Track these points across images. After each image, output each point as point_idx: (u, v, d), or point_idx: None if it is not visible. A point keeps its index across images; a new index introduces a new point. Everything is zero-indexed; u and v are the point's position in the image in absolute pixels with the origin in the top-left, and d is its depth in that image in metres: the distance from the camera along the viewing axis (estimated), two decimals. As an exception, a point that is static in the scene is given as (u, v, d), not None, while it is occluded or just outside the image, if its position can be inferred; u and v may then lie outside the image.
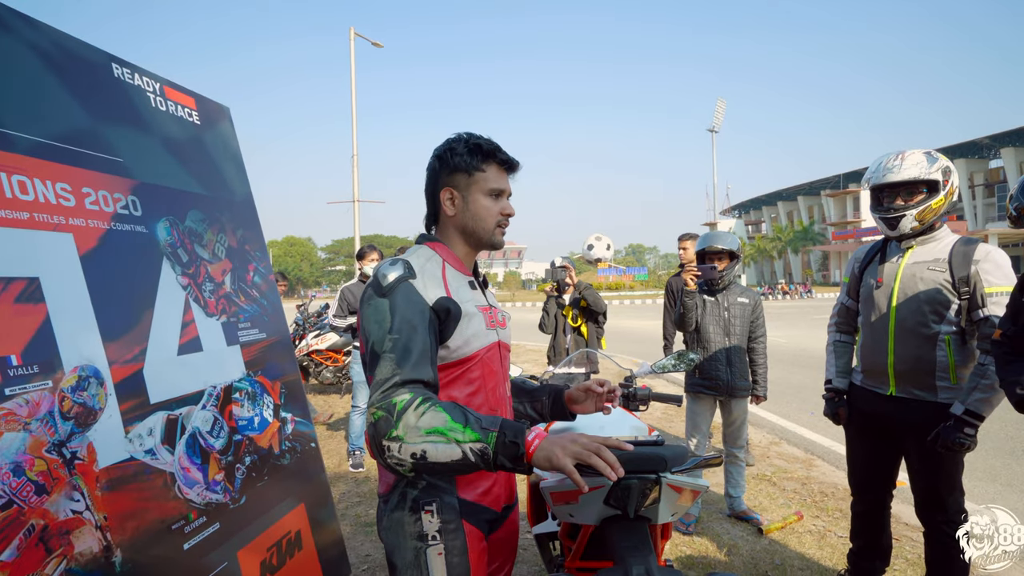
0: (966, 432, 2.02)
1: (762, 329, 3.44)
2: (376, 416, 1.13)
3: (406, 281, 1.28)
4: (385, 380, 1.16)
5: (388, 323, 1.22)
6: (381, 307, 1.25)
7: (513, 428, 1.12)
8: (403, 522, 1.31)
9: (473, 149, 1.39)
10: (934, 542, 2.28)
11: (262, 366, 2.56)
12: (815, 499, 3.77)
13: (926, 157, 2.23)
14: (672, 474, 1.26)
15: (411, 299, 1.25)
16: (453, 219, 1.42)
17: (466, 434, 1.10)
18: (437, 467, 1.11)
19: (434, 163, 1.43)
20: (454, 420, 1.11)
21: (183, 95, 2.51)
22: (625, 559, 1.17)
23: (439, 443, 1.09)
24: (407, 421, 1.10)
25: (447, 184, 1.40)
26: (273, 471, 2.48)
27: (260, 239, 2.82)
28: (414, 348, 1.19)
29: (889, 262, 2.33)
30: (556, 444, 1.09)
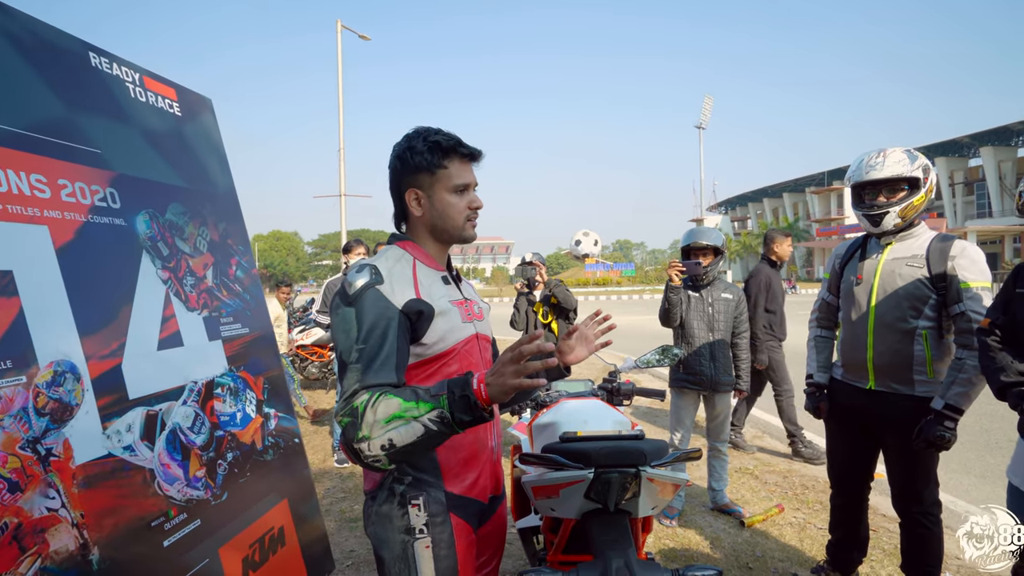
0: (946, 426, 2.06)
1: (745, 325, 3.47)
2: (344, 423, 1.16)
3: (373, 288, 1.27)
4: (349, 389, 1.19)
5: (355, 333, 1.23)
6: (348, 316, 1.26)
7: (459, 383, 1.16)
8: (391, 516, 1.32)
9: (433, 147, 1.37)
10: (910, 532, 2.32)
11: (245, 361, 2.54)
12: (796, 492, 3.82)
13: (907, 155, 2.26)
14: (652, 468, 1.27)
15: (378, 306, 1.26)
16: (421, 219, 1.42)
17: (420, 408, 1.14)
18: (409, 448, 1.14)
19: (395, 163, 1.42)
20: (406, 400, 1.15)
21: (163, 86, 2.47)
22: (605, 552, 1.18)
23: (400, 427, 1.13)
24: (367, 419, 1.13)
25: (411, 185, 1.40)
26: (256, 467, 2.46)
27: (243, 233, 2.79)
28: (379, 356, 1.21)
29: (869, 259, 2.36)
30: (497, 379, 1.12)
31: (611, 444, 1.27)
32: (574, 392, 2.30)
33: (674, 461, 1.35)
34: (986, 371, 1.85)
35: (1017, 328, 1.81)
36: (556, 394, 2.27)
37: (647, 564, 1.15)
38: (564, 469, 1.23)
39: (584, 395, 2.25)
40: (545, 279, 4.61)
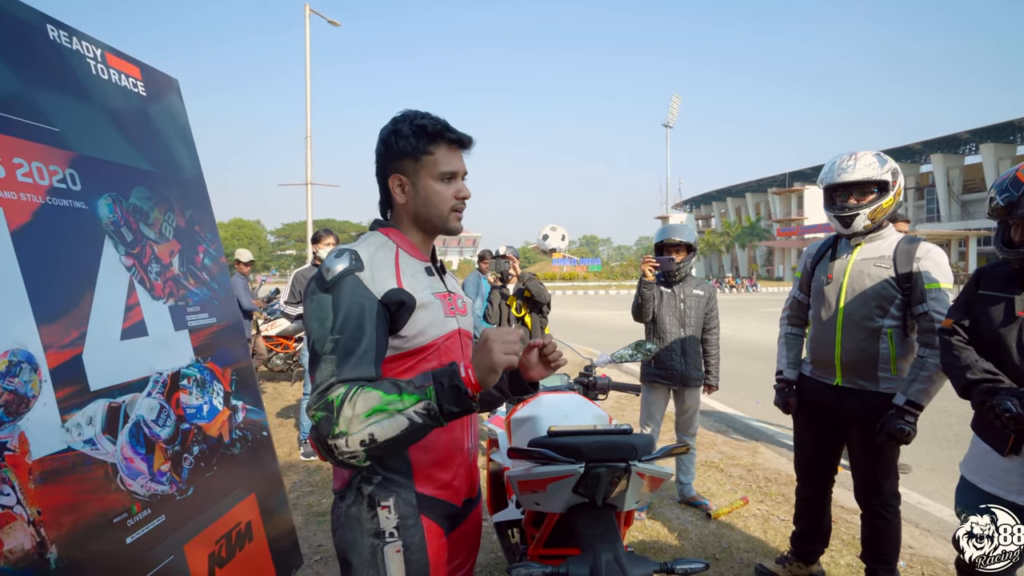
0: (907, 420, 2.15)
1: (716, 321, 3.54)
2: (317, 418, 1.10)
3: (352, 275, 1.21)
4: (323, 382, 1.13)
5: (330, 322, 1.16)
6: (324, 304, 1.18)
7: (446, 373, 1.13)
8: (359, 518, 1.26)
9: (418, 131, 1.31)
10: (870, 522, 2.41)
11: (212, 352, 2.45)
12: (759, 484, 3.93)
13: (877, 159, 2.33)
14: (641, 462, 1.28)
15: (356, 294, 1.19)
16: (404, 206, 1.36)
17: (404, 400, 1.09)
18: (391, 443, 1.10)
19: (380, 148, 1.35)
20: (388, 393, 1.10)
21: (127, 64, 2.36)
22: (593, 546, 1.18)
23: (383, 420, 1.08)
24: (345, 414, 1.08)
25: (395, 170, 1.33)
26: (223, 461, 2.39)
27: (211, 220, 2.70)
28: (356, 349, 1.15)
29: (839, 259, 2.43)
30: (483, 356, 1.11)
31: (602, 439, 1.27)
32: (551, 386, 2.31)
33: (664, 456, 1.37)
34: (949, 369, 1.93)
35: (979, 328, 1.88)
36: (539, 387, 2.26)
37: (636, 558, 1.16)
38: (554, 463, 1.22)
39: (561, 389, 2.26)
40: (519, 272, 4.60)
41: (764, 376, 7.59)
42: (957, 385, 1.90)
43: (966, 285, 1.98)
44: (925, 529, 3.25)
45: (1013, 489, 1.80)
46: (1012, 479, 1.80)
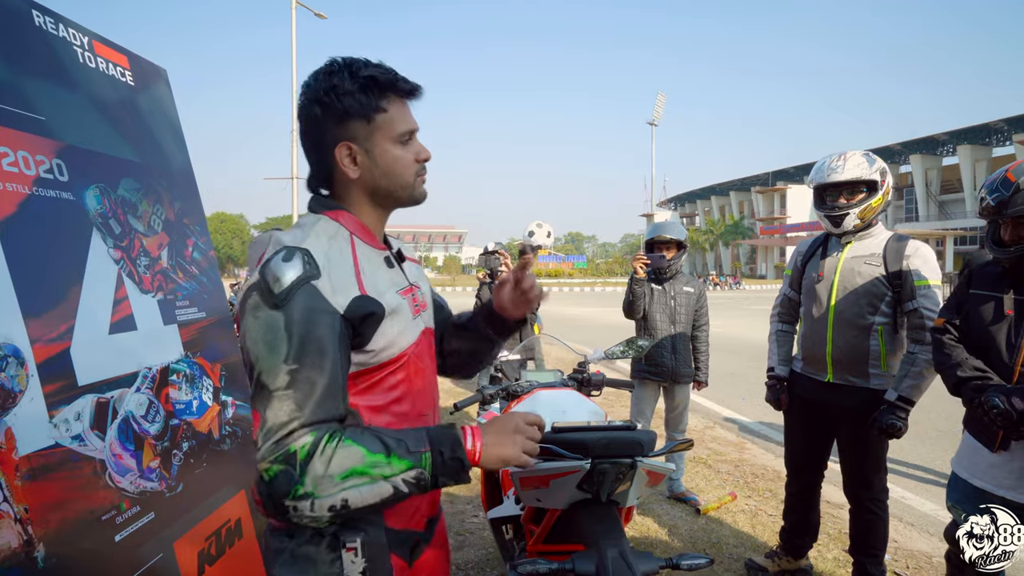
0: (899, 415, 2.19)
1: (705, 318, 3.57)
2: (271, 472, 0.88)
3: (307, 283, 0.95)
4: (279, 426, 0.89)
5: (284, 348, 0.92)
6: (274, 324, 0.93)
7: (448, 441, 0.96)
8: (315, 560, 1.02)
9: (367, 84, 1.04)
10: (859, 517, 2.45)
11: (201, 347, 2.42)
12: (747, 480, 3.97)
13: (866, 158, 2.36)
14: (647, 459, 1.28)
15: (316, 309, 0.95)
16: (358, 181, 1.08)
17: (393, 465, 0.92)
18: (361, 511, 0.93)
19: (313, 110, 1.05)
20: (372, 452, 0.91)
21: (115, 52, 2.31)
22: (598, 542, 1.18)
23: (362, 486, 0.90)
24: (314, 471, 0.88)
25: (342, 138, 1.05)
26: (212, 457, 2.35)
27: (199, 212, 2.65)
28: (319, 381, 0.93)
29: (830, 256, 2.45)
30: (503, 441, 0.98)
31: (609, 435, 1.27)
32: (545, 382, 2.31)
33: (669, 452, 1.37)
34: (941, 367, 1.96)
35: (969, 327, 1.92)
36: (528, 384, 2.26)
37: (641, 554, 1.16)
38: (560, 459, 1.22)
39: (556, 385, 2.26)
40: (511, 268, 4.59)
41: (750, 373, 7.69)
42: (948, 383, 1.93)
43: (957, 284, 2.02)
44: (908, 523, 3.32)
45: (1002, 484, 1.83)
46: (1000, 474, 1.84)
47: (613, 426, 1.31)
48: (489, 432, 1.00)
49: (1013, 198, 1.69)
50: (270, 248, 1.01)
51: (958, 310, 1.96)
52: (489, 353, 1.38)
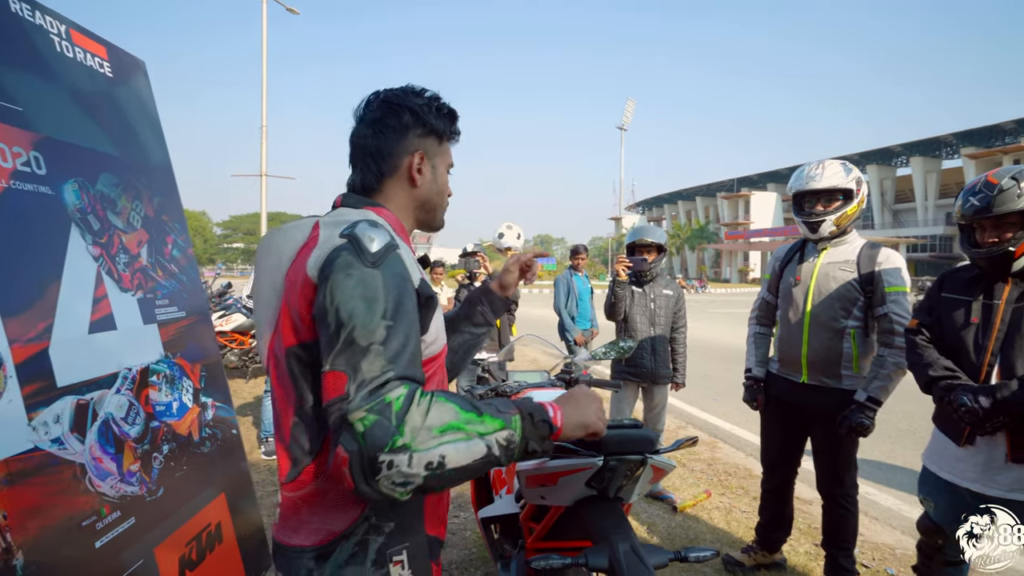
0: (867, 415, 2.28)
1: (683, 320, 3.65)
2: (368, 423, 0.83)
3: (396, 250, 0.98)
4: (374, 377, 0.86)
5: (381, 304, 0.90)
6: (372, 281, 0.92)
7: (533, 406, 0.96)
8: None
9: (451, 115, 1.18)
10: (831, 512, 2.54)
11: (181, 347, 2.36)
12: (720, 478, 4.07)
13: (843, 167, 2.46)
14: (656, 455, 1.31)
15: (404, 275, 0.97)
16: (416, 190, 1.15)
17: (486, 424, 0.89)
18: (453, 476, 0.87)
19: (406, 118, 1.13)
20: (465, 410, 0.89)
21: (93, 42, 2.24)
22: (609, 537, 1.20)
23: (459, 442, 0.86)
24: (412, 422, 0.84)
25: (420, 147, 1.14)
26: (193, 460, 2.30)
27: (179, 209, 2.59)
28: (411, 340, 0.92)
29: (807, 262, 2.54)
30: (581, 408, 1.00)
31: (622, 432, 1.30)
32: (534, 383, 2.33)
33: (677, 448, 1.41)
34: (913, 366, 2.05)
35: (941, 329, 2.02)
36: (516, 385, 2.28)
37: (651, 548, 1.19)
38: (574, 456, 1.24)
39: (544, 386, 2.28)
40: (490, 270, 4.61)
41: (719, 374, 7.86)
42: (920, 381, 2.02)
43: (930, 289, 2.12)
44: (873, 517, 3.45)
45: (967, 476, 1.93)
46: (966, 467, 1.94)
47: (623, 424, 1.34)
48: (566, 402, 1.01)
49: (997, 198, 1.80)
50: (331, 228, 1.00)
51: (931, 312, 2.06)
52: (481, 342, 1.43)
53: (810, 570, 2.80)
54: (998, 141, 45.86)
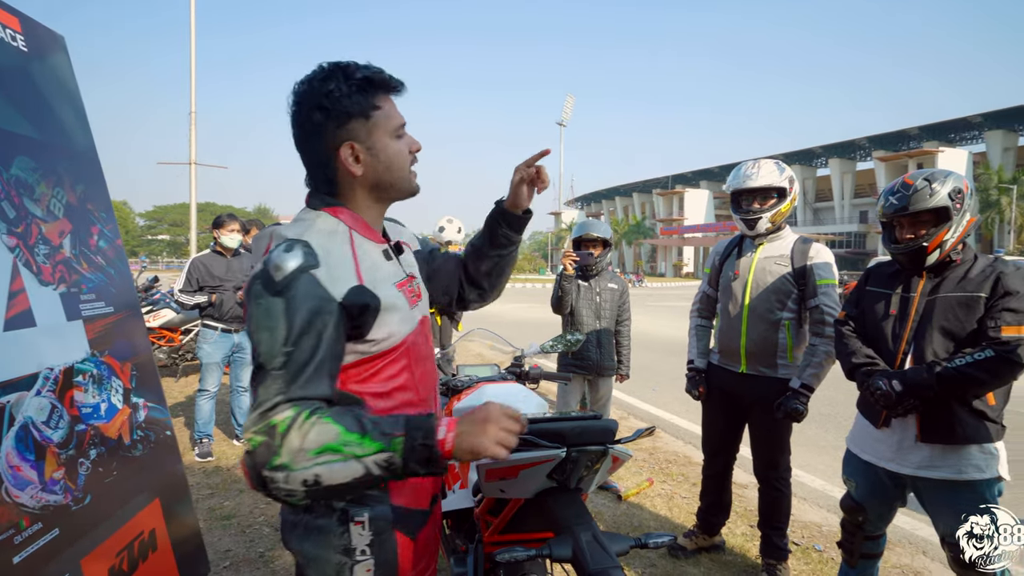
0: (801, 401, 2.43)
1: (628, 313, 3.74)
2: (255, 443, 0.93)
3: (307, 273, 1.02)
4: (266, 401, 0.96)
5: (283, 332, 0.98)
6: (274, 310, 0.99)
7: (422, 427, 0.97)
8: (327, 532, 1.12)
9: (363, 84, 1.11)
10: (766, 494, 2.69)
11: (109, 345, 2.21)
12: (661, 466, 4.21)
13: (776, 166, 2.59)
14: (617, 445, 1.34)
15: (314, 296, 1.01)
16: (361, 178, 1.15)
17: (365, 445, 0.94)
18: (335, 490, 0.96)
19: (315, 116, 1.10)
20: (348, 431, 0.94)
21: (5, 13, 2.05)
22: (571, 527, 1.22)
23: (334, 463, 0.93)
24: (291, 444, 0.92)
25: (345, 138, 1.11)
26: (123, 464, 2.17)
27: (105, 197, 2.42)
28: (311, 362, 0.99)
29: (744, 256, 2.66)
30: (475, 431, 0.98)
31: (584, 423, 1.31)
32: (485, 377, 2.33)
33: (637, 438, 1.44)
34: (840, 355, 2.20)
35: (864, 319, 2.17)
36: (467, 379, 2.27)
37: (613, 535, 1.22)
38: (537, 448, 1.25)
39: (496, 379, 2.28)
40: None
41: (658, 366, 8.11)
42: (845, 368, 2.17)
43: (858, 282, 2.27)
44: (802, 498, 3.66)
45: (884, 456, 2.09)
46: (883, 448, 2.09)
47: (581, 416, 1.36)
48: (463, 422, 0.99)
49: (912, 197, 1.94)
50: (273, 241, 1.09)
51: (857, 304, 2.21)
52: (512, 259, 1.47)
53: (747, 550, 2.95)
54: (904, 145, 49.48)
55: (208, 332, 4.26)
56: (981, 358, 1.82)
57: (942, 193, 1.93)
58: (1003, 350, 1.81)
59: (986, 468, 1.93)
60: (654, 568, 2.78)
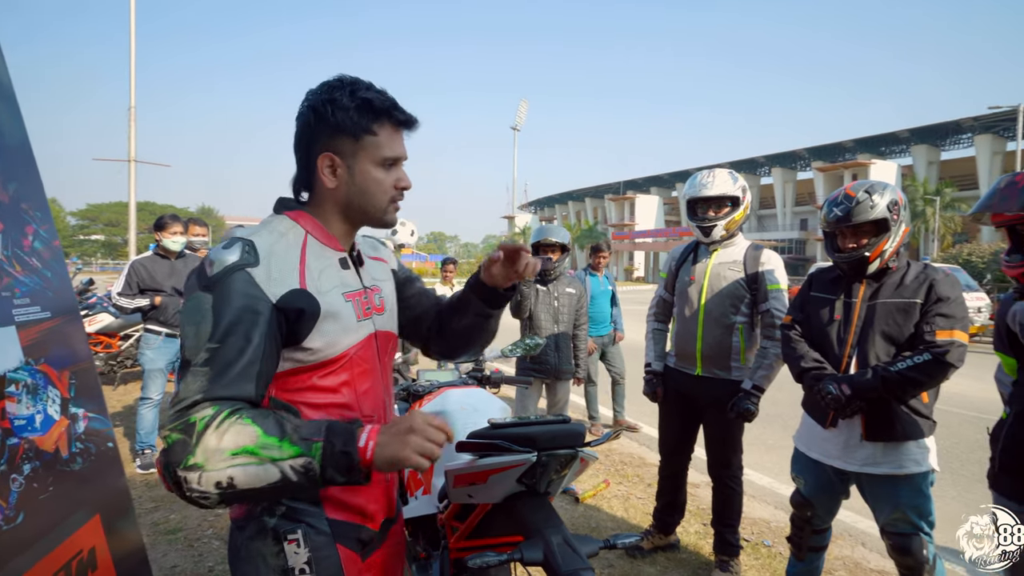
0: (752, 401, 2.53)
1: (584, 318, 3.80)
2: (171, 440, 0.91)
3: (242, 270, 1.01)
4: (187, 398, 0.94)
5: (208, 327, 0.97)
6: (202, 304, 0.98)
7: (342, 433, 0.95)
8: (262, 554, 1.08)
9: (363, 105, 1.11)
10: (719, 492, 2.77)
11: (46, 352, 2.08)
12: (617, 468, 4.29)
13: (730, 176, 2.68)
14: (586, 448, 1.35)
15: (245, 294, 1.00)
16: (333, 192, 1.14)
17: (284, 449, 0.92)
18: (252, 494, 0.92)
19: (309, 117, 1.12)
20: (267, 434, 0.92)
21: (-71, -4, 1.91)
22: (541, 530, 1.23)
23: (250, 466, 0.90)
24: (207, 444, 0.90)
25: (327, 148, 1.11)
26: (60, 479, 2.04)
27: (40, 196, 2.28)
28: (236, 362, 0.97)
29: (700, 262, 2.75)
30: (395, 441, 0.95)
31: (554, 427, 1.32)
32: (446, 381, 2.31)
33: (605, 441, 1.46)
34: (787, 358, 2.29)
35: (810, 324, 2.27)
36: (428, 384, 2.26)
37: (582, 537, 1.23)
38: (508, 453, 1.25)
39: (457, 384, 2.27)
40: None
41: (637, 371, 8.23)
42: (793, 371, 2.26)
43: (801, 287, 2.38)
44: (751, 495, 3.79)
45: (831, 455, 2.19)
46: (830, 446, 2.20)
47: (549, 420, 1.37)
48: (384, 431, 0.97)
49: (854, 209, 2.04)
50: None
51: (802, 309, 2.31)
52: (486, 328, 1.40)
53: (700, 548, 3.04)
54: (841, 157, 52.11)
55: (151, 337, 4.06)
56: (920, 361, 1.94)
57: (881, 205, 2.04)
58: (938, 352, 1.93)
59: (922, 461, 2.06)
60: (612, 568, 2.83)
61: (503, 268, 1.29)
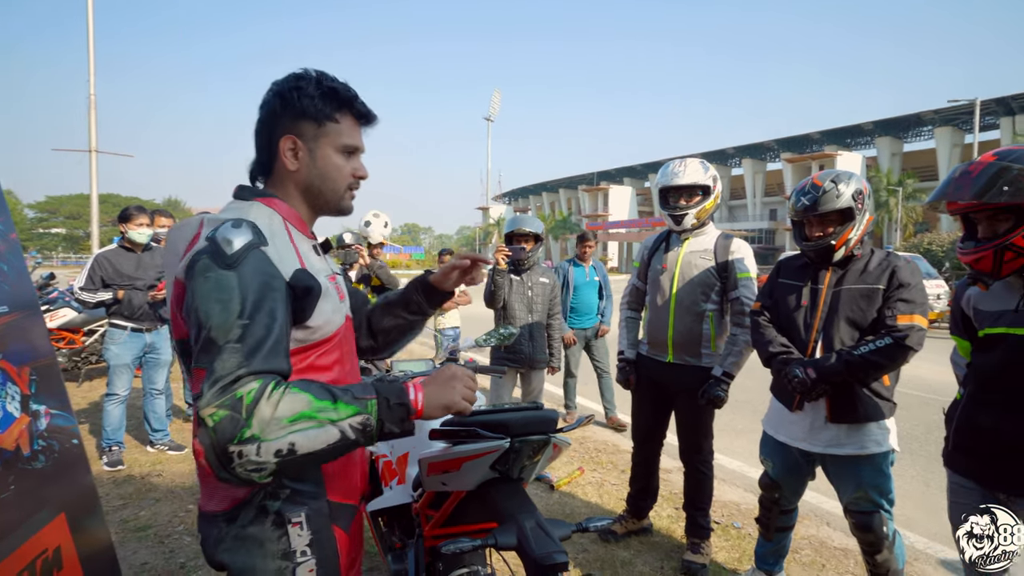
0: (723, 387, 2.58)
1: (558, 307, 3.82)
2: (217, 418, 0.90)
3: (257, 248, 1.03)
4: (227, 375, 0.93)
5: (237, 304, 0.97)
6: (226, 283, 0.98)
7: (392, 390, 1.02)
8: (262, 540, 1.09)
9: (327, 94, 1.16)
10: (691, 476, 2.83)
11: (3, 347, 2.02)
12: (591, 455, 4.34)
13: (702, 165, 2.72)
14: (559, 434, 1.37)
15: (265, 272, 1.02)
16: (295, 174, 1.18)
17: (340, 410, 0.96)
18: (311, 458, 0.95)
19: (274, 102, 1.16)
20: (319, 399, 0.95)
21: None
22: (515, 516, 1.24)
23: (310, 429, 0.93)
24: (261, 414, 0.90)
25: (290, 131, 1.16)
26: (22, 477, 1.99)
27: (-4, 187, 2.19)
28: (268, 337, 0.98)
29: (672, 251, 2.79)
30: (445, 388, 1.06)
31: (527, 414, 1.33)
32: (419, 372, 2.31)
33: (577, 427, 1.48)
34: (756, 344, 2.35)
35: (778, 310, 2.33)
36: (403, 374, 2.25)
37: (555, 522, 1.25)
38: (482, 440, 1.25)
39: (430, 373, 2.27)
40: (367, 262, 4.51)
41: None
42: (762, 356, 2.32)
43: (770, 274, 2.43)
44: (721, 479, 3.88)
45: (797, 437, 2.26)
46: (796, 429, 2.26)
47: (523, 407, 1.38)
48: (429, 383, 1.06)
49: (821, 198, 2.10)
50: (207, 226, 1.07)
51: (770, 295, 2.37)
52: (417, 327, 1.50)
53: (672, 531, 3.11)
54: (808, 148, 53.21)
55: (116, 332, 3.96)
56: (881, 345, 2.01)
57: (847, 195, 2.10)
58: (898, 336, 2.00)
59: (883, 442, 2.13)
60: (587, 553, 2.87)
61: (459, 276, 1.43)
